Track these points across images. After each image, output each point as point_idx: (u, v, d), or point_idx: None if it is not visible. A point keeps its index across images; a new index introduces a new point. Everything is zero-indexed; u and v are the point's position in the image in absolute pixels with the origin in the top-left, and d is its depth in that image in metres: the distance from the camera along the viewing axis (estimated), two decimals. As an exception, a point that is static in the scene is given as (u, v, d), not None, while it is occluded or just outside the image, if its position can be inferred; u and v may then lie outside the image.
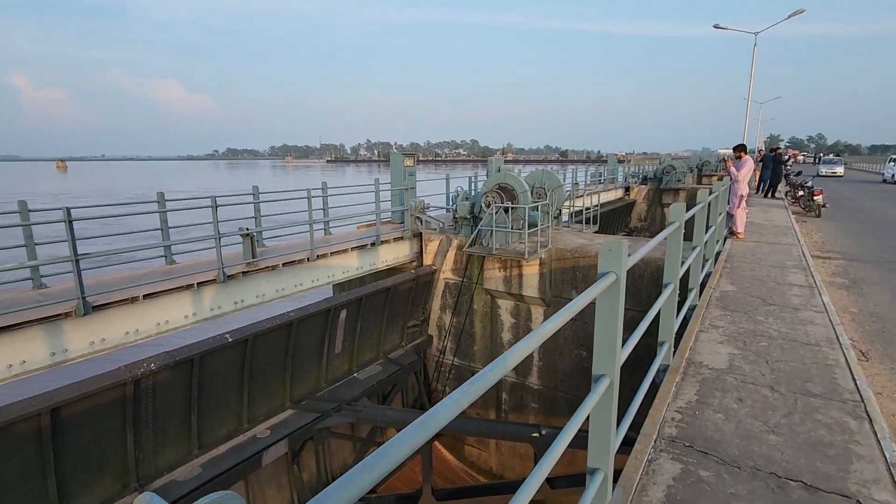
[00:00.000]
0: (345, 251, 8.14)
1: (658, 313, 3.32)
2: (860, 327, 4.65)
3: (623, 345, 2.34)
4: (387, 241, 9.04)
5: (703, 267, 5.70)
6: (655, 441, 2.53)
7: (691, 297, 4.66)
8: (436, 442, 9.30)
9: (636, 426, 2.69)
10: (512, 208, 8.29)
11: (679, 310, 4.40)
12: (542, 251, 8.23)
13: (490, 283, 8.99)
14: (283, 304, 7.18)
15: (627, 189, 23.29)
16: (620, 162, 25.09)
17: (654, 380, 3.15)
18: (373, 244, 8.63)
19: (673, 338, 3.41)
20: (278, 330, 6.92)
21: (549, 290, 8.46)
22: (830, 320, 4.32)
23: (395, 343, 9.39)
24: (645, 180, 25.06)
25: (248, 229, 6.54)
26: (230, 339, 6.24)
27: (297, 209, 7.63)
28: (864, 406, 2.87)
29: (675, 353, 3.57)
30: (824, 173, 31.68)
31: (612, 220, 21.09)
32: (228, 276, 6.36)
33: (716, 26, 23.70)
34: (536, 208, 8.52)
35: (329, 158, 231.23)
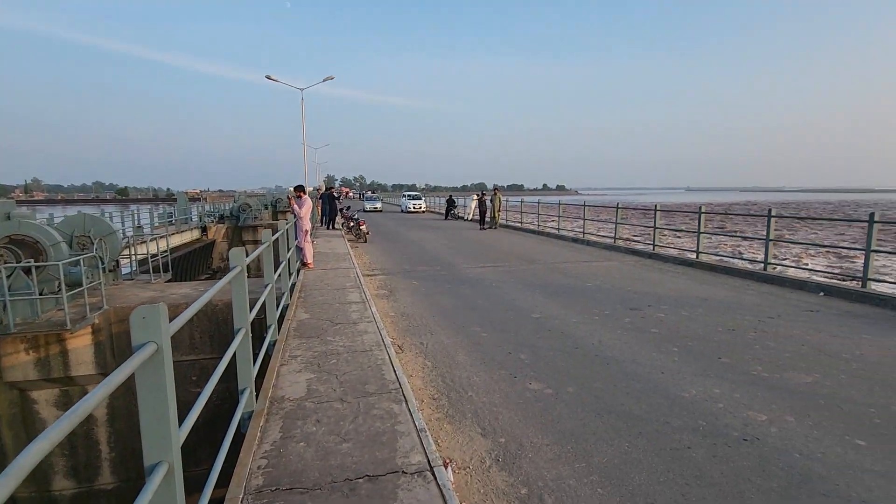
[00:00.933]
0: None
1: (235, 359, 3.22)
2: (396, 327, 6.06)
3: (190, 410, 2.09)
4: None
5: (281, 301, 6.02)
6: (242, 501, 2.39)
7: (270, 333, 4.81)
8: None
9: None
10: (37, 267, 6.27)
11: (260, 349, 4.44)
12: (94, 315, 6.61)
13: (14, 373, 6.48)
14: None
15: (204, 229, 22.21)
16: (195, 200, 23.68)
17: (239, 430, 3.01)
18: None
19: (253, 381, 3.37)
20: None
21: (113, 361, 6.89)
22: (378, 327, 5.41)
23: None
24: (222, 219, 24.62)
25: None
26: None
27: None
28: (402, 391, 3.70)
29: (258, 395, 3.55)
30: (368, 209, 37.36)
31: (192, 263, 19.58)
32: None
33: (267, 77, 26.08)
34: (78, 262, 6.78)
35: None
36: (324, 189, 22.53)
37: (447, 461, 3.03)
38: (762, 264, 9.30)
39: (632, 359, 4.80)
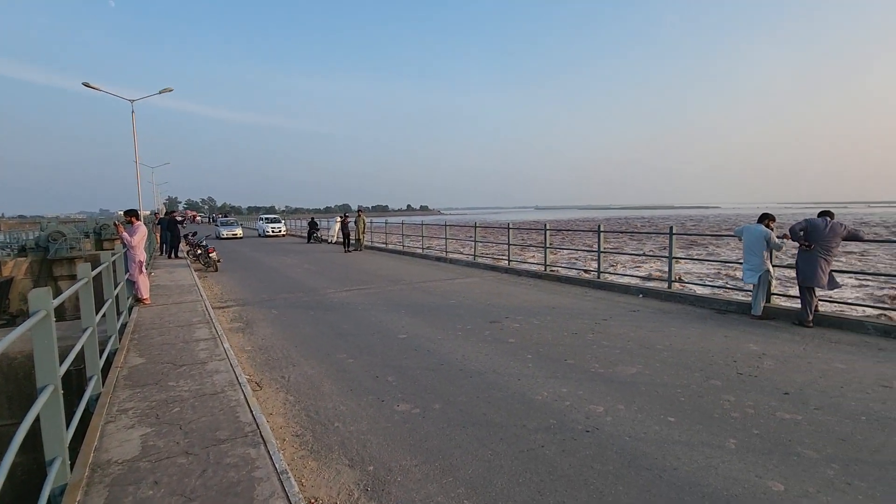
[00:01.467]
0: None
1: (39, 426, 2.64)
2: (254, 362, 5.59)
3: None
4: None
5: (107, 346, 5.15)
6: None
7: (92, 386, 4.07)
8: None
9: None
10: None
11: (77, 407, 3.73)
12: None
13: None
14: None
15: (-2, 264, 18.07)
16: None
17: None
18: None
19: (66, 447, 2.80)
20: None
21: None
22: (231, 364, 4.93)
23: None
24: (24, 251, 20.31)
25: None
26: None
27: None
28: (260, 432, 3.41)
29: (73, 463, 2.96)
30: (225, 235, 30.50)
31: (-20, 307, 15.78)
32: None
33: (86, 85, 22.45)
34: None
35: None
36: (163, 213, 19.96)
37: (312, 501, 2.86)
38: (596, 273, 10.69)
39: (492, 369, 5.10)
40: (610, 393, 4.38)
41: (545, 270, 11.83)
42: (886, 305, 14.04)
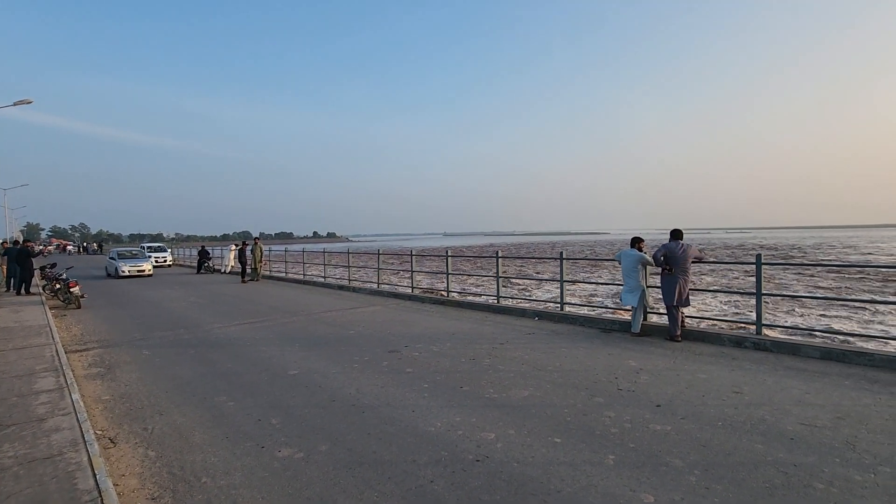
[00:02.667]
0: None
1: None
2: (111, 413, 4.83)
3: None
4: None
5: None
6: None
7: None
8: None
9: None
10: None
11: None
12: None
13: None
14: None
15: None
16: None
17: None
18: None
19: None
20: None
21: None
22: (78, 419, 4.21)
23: None
24: None
25: None
26: None
27: None
28: (102, 499, 2.89)
29: None
30: (128, 273, 21.95)
31: None
32: None
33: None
34: None
35: None
36: (11, 243, 17.11)
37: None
38: (495, 298, 10.99)
39: (387, 402, 4.90)
40: (502, 418, 4.40)
41: (448, 296, 11.93)
42: (740, 319, 16.12)
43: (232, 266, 23.94)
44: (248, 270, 19.04)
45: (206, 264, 25.03)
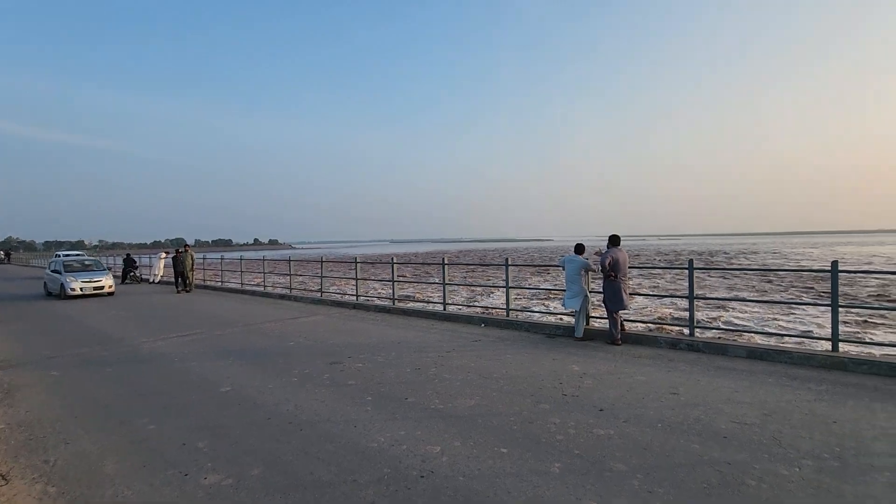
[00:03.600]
0: None
1: None
2: (5, 445, 4.24)
3: None
4: None
5: None
6: None
7: None
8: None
9: None
10: None
11: None
12: None
13: None
14: None
15: None
16: None
17: None
18: None
19: None
20: None
21: None
22: (-39, 454, 3.65)
23: None
24: None
25: None
26: None
27: None
28: (-18, 551, 2.47)
29: None
30: (79, 292, 16.20)
31: None
32: None
33: None
34: None
35: None
36: None
37: None
38: (442, 305, 10.90)
39: (327, 418, 4.65)
40: (448, 430, 4.27)
41: (393, 304, 11.71)
42: (676, 322, 17.00)
43: (161, 275, 22.38)
44: (183, 279, 17.82)
45: (131, 273, 23.22)
